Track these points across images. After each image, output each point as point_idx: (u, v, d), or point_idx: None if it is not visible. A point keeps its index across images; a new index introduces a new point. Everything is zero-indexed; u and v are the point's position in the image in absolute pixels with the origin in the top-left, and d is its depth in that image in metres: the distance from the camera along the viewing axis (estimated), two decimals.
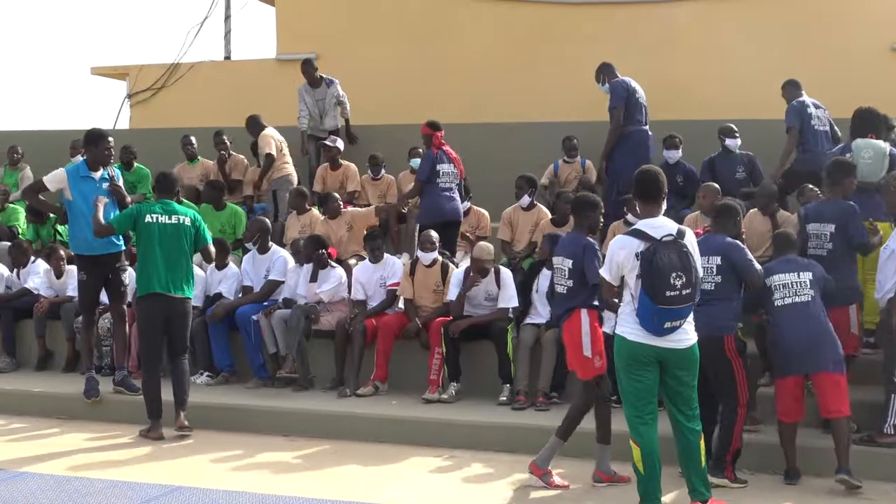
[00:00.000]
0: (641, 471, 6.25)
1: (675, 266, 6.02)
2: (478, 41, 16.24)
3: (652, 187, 6.32)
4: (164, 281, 8.60)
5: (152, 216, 8.61)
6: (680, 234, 6.17)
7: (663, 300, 6.01)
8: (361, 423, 8.66)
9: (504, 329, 9.18)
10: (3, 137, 15.02)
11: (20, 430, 9.06)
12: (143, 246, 8.60)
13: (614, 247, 6.33)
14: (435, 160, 10.52)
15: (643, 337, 6.18)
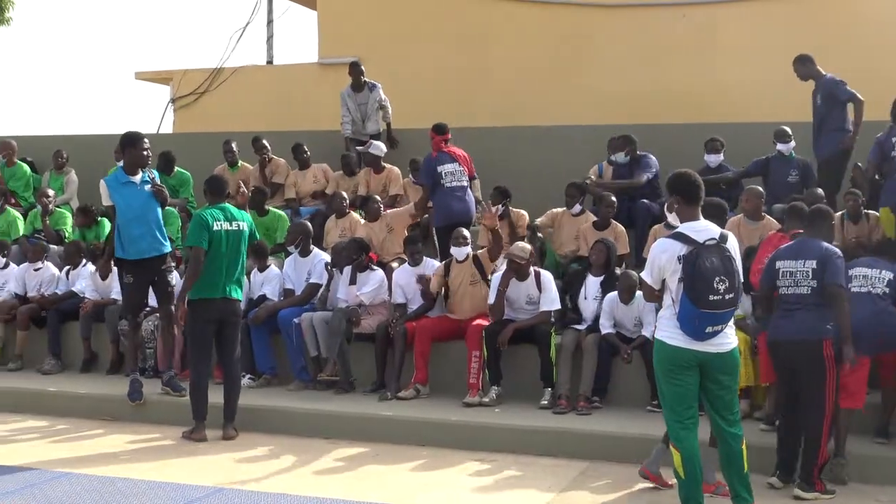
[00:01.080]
0: (682, 475, 6.21)
1: (719, 270, 5.96)
2: (518, 44, 16.23)
3: (692, 190, 6.23)
4: (223, 285, 8.68)
5: (218, 224, 8.64)
6: (722, 238, 6.12)
7: (706, 304, 5.95)
8: (402, 427, 8.65)
9: (547, 332, 9.14)
10: (49, 142, 15.17)
11: (64, 431, 9.14)
12: (209, 254, 8.59)
13: (656, 250, 6.27)
14: (434, 162, 10.66)
15: (683, 341, 6.11)
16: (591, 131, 12.95)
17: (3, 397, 10.12)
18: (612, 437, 8.09)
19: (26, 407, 9.91)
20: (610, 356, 9.08)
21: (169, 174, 13.12)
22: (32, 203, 13.54)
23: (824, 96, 10.75)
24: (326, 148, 13.09)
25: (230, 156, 13.23)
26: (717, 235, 6.10)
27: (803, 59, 10.92)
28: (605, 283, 9.44)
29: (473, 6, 16.78)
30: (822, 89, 10.78)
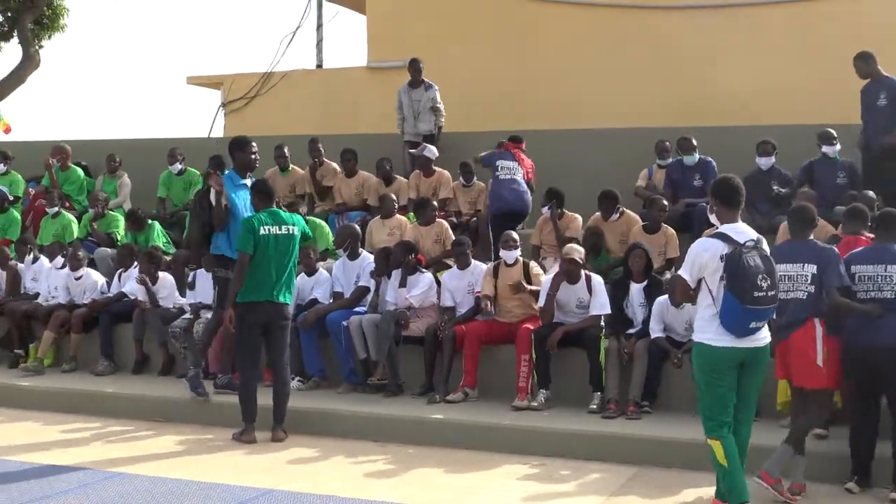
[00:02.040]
0: (725, 465, 6.32)
1: (761, 269, 6.17)
2: (566, 46, 16.19)
3: (735, 194, 6.45)
4: (271, 289, 8.71)
5: (266, 228, 8.67)
6: (759, 241, 6.35)
7: (752, 301, 6.12)
8: (451, 430, 8.65)
9: (597, 336, 9.10)
10: (101, 146, 15.37)
11: (117, 431, 9.24)
12: (257, 257, 8.63)
13: (698, 248, 6.42)
14: (497, 155, 11.63)
15: (727, 341, 6.26)
16: (640, 134, 12.88)
17: (58, 398, 10.26)
18: (661, 442, 8.03)
19: (80, 408, 10.04)
20: (660, 360, 9.02)
21: None
22: (86, 206, 13.71)
23: (891, 96, 10.64)
24: (375, 151, 13.12)
25: (282, 160, 13.30)
26: (755, 238, 6.33)
27: (865, 57, 10.80)
28: (647, 289, 9.37)
29: (522, 9, 16.77)
30: (887, 89, 10.67)
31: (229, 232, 9.20)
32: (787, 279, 7.15)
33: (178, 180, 13.74)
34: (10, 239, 13.37)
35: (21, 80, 26.64)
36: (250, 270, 8.62)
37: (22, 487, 7.26)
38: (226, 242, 9.23)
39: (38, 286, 12.21)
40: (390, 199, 11.70)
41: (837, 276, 7.07)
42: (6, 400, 10.39)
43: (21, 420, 9.75)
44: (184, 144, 14.32)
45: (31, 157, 14.97)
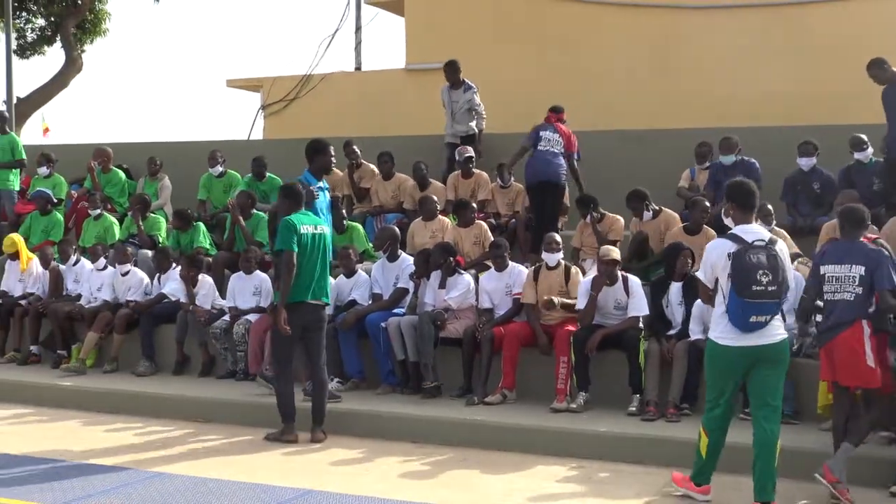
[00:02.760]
0: (704, 456, 6.89)
1: (763, 265, 6.43)
2: (609, 48, 16.14)
3: (749, 198, 6.74)
4: (313, 289, 8.77)
5: (304, 227, 8.75)
6: (771, 241, 6.58)
7: (749, 294, 6.41)
8: (489, 431, 8.64)
9: (636, 338, 9.05)
10: (142, 148, 15.51)
11: (158, 431, 9.31)
12: (299, 256, 8.66)
13: (708, 248, 6.76)
14: (539, 128, 11.68)
15: (731, 340, 6.57)
16: (683, 135, 12.80)
17: (100, 398, 10.36)
18: None
19: (121, 408, 10.13)
20: (699, 362, 8.91)
21: (261, 180, 13.32)
22: (128, 208, 13.82)
23: None
24: (412, 153, 13.14)
25: None
26: (766, 238, 6.59)
27: (880, 63, 10.73)
28: (685, 288, 9.31)
29: (562, 10, 16.73)
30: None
31: None
32: (835, 280, 7.12)
33: (219, 182, 13.82)
34: (53, 240, 13.52)
35: (64, 83, 26.98)
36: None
37: (64, 486, 7.34)
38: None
39: (80, 288, 12.34)
40: (432, 201, 11.69)
41: (889, 278, 7.00)
42: (49, 400, 10.52)
43: (63, 420, 9.85)
44: (224, 147, 14.42)
45: (74, 160, 15.13)
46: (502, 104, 14.96)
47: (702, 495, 7.00)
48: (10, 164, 14.85)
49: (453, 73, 13.42)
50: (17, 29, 27.32)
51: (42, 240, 13.53)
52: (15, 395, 10.76)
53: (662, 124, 13.94)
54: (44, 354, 12.16)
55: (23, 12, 27.79)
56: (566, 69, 16.19)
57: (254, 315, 11.00)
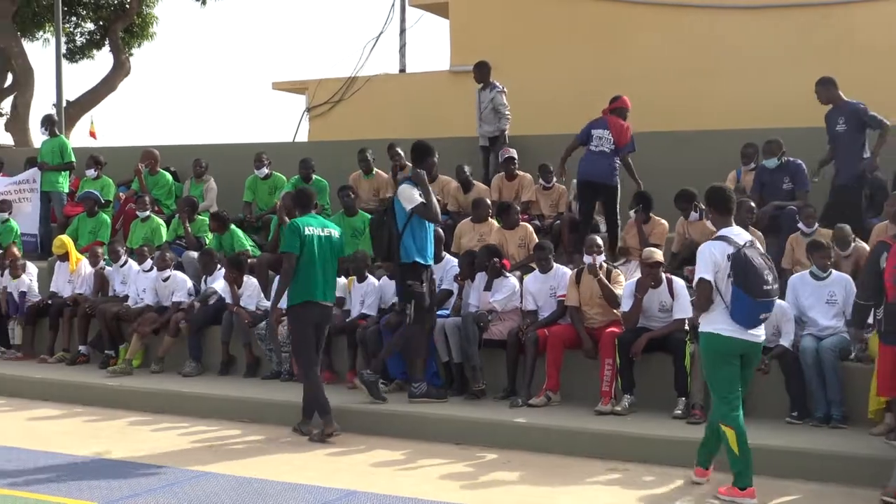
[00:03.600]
0: (737, 451, 6.93)
1: (764, 266, 6.83)
2: (652, 48, 16.06)
3: (728, 203, 7.13)
4: (322, 289, 9.00)
5: (310, 229, 9.02)
6: (753, 241, 7.04)
7: (761, 294, 6.75)
8: (533, 434, 8.61)
9: (682, 341, 8.97)
10: (189, 151, 15.63)
11: (204, 431, 9.38)
12: (305, 258, 8.93)
13: (708, 251, 6.97)
14: (591, 125, 11.41)
15: (735, 332, 6.88)
16: (727, 136, 12.68)
17: (146, 399, 10.45)
18: None
19: (168, 408, 10.22)
20: None
21: (307, 182, 13.37)
22: (175, 210, 13.95)
23: (850, 122, 10.70)
24: (457, 155, 13.13)
25: (365, 164, 13.39)
26: (750, 239, 7.01)
27: (826, 82, 10.88)
28: None
29: (607, 11, 16.68)
30: (845, 114, 10.73)
31: (415, 237, 9.29)
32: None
33: (264, 184, 13.90)
34: (102, 241, 13.67)
35: (112, 87, 27.29)
36: (301, 270, 8.90)
37: (111, 485, 7.41)
38: (414, 249, 9.29)
39: (127, 289, 12.45)
40: (486, 205, 11.55)
41: None
42: (97, 400, 10.63)
43: (110, 419, 9.95)
44: (269, 149, 14.50)
45: (122, 163, 15.29)
46: (546, 105, 14.94)
47: (748, 499, 6.96)
48: (60, 166, 15.07)
49: (482, 73, 13.45)
50: (67, 33, 27.68)
51: (90, 241, 13.68)
52: (64, 394, 10.90)
53: (704, 125, 13.83)
54: (92, 354, 12.30)
55: (72, 17, 28.16)
56: (609, 70, 16.12)
57: None
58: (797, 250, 10.02)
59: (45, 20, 27.42)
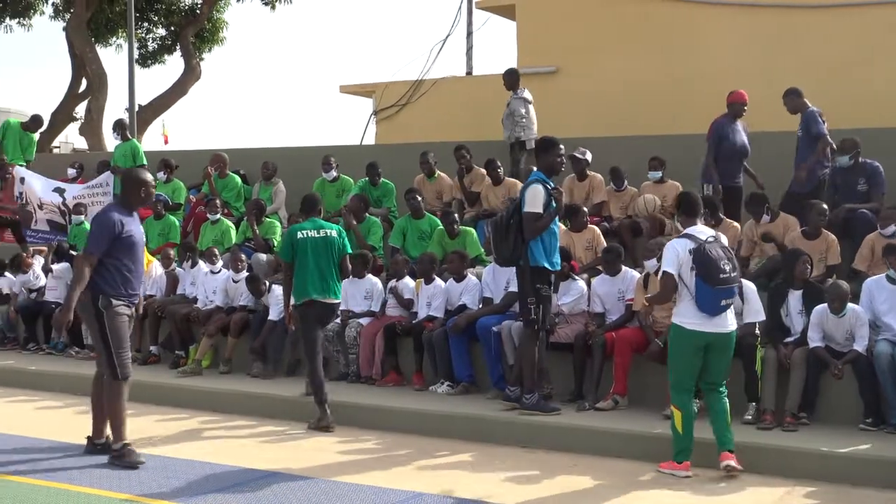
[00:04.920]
0: (681, 431, 7.65)
1: (722, 256, 7.52)
2: (721, 49, 15.86)
3: (695, 206, 7.92)
4: (319, 288, 9.37)
5: (303, 232, 9.48)
6: (717, 237, 7.76)
7: (718, 282, 7.43)
8: (601, 438, 8.54)
9: (752, 345, 8.83)
10: (258, 154, 15.79)
11: (270, 432, 9.44)
12: (299, 259, 9.39)
13: (672, 248, 7.69)
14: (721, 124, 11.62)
15: (698, 325, 7.55)
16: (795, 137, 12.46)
17: (215, 399, 10.56)
18: (819, 455, 7.76)
19: (236, 408, 10.30)
20: (818, 371, 8.71)
21: (375, 185, 13.43)
22: (244, 213, 14.09)
23: (804, 128, 11.17)
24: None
25: (426, 167, 13.41)
26: (714, 235, 7.76)
27: (790, 93, 11.36)
28: (805, 297, 9.07)
29: (675, 12, 16.50)
30: (804, 121, 11.17)
31: (543, 241, 9.05)
32: None
33: (332, 187, 13.98)
34: (174, 242, 13.86)
35: (183, 91, 27.69)
36: (298, 273, 9.39)
37: (180, 484, 7.48)
38: (542, 253, 9.05)
39: (196, 290, 12.60)
40: (584, 213, 11.35)
41: None
42: (167, 399, 10.76)
43: (179, 419, 10.07)
44: (337, 152, 14.58)
45: (192, 166, 15.49)
46: (614, 107, 14.82)
47: (683, 471, 7.63)
48: None
49: (510, 80, 13.70)
50: (139, 39, 28.16)
51: (159, 243, 13.87)
52: (135, 394, 10.96)
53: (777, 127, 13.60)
54: (163, 355, 12.47)
55: (144, 23, 28.64)
56: (677, 71, 15.96)
57: (365, 318, 11.10)
58: (876, 250, 9.77)
59: (118, 26, 27.94)
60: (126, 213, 8.09)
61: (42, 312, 13.53)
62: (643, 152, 12.49)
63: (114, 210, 8.09)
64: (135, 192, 8.17)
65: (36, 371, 12.10)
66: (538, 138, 9.42)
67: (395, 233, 12.44)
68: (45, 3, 28.71)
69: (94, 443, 8.36)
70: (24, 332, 13.72)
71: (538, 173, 9.19)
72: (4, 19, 29.11)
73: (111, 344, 7.97)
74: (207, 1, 27.87)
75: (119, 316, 7.98)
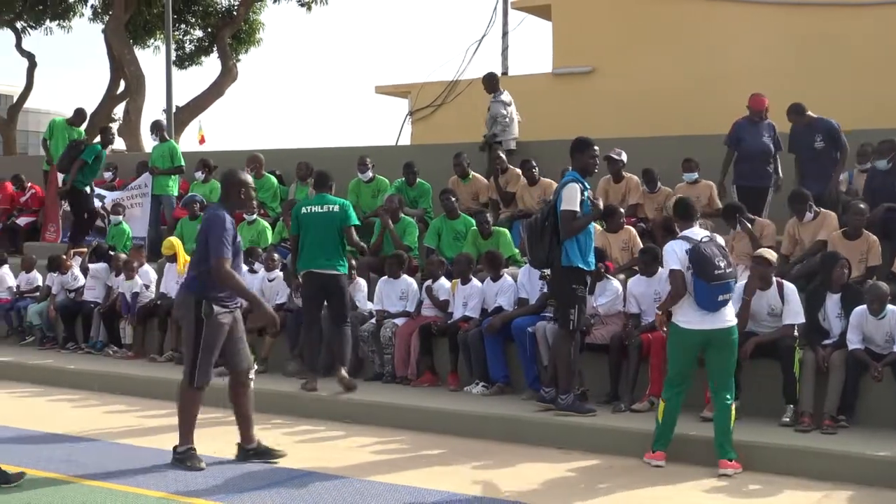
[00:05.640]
0: (660, 421, 8.00)
1: (717, 254, 7.78)
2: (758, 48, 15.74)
3: (690, 210, 8.25)
4: (319, 260, 10.03)
5: (307, 208, 10.28)
6: (713, 237, 8.03)
7: (713, 277, 7.66)
8: (637, 439, 8.48)
9: (791, 347, 8.75)
10: (294, 154, 15.85)
11: (306, 431, 9.48)
12: (303, 233, 10.14)
13: (671, 248, 7.99)
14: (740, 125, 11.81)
15: (693, 323, 7.80)
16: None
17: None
18: (859, 458, 7.68)
19: (271, 408, 10.32)
20: (858, 373, 8.62)
21: (411, 185, 13.45)
22: (279, 213, 14.14)
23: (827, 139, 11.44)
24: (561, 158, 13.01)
25: (460, 168, 13.42)
26: (709, 235, 8.05)
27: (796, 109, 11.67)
28: (844, 300, 8.98)
29: (711, 12, 16.42)
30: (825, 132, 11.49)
31: (578, 241, 8.96)
32: None
33: (367, 188, 14.01)
34: None
35: (220, 92, 27.86)
36: (304, 245, 10.11)
37: (217, 483, 7.53)
38: (577, 253, 8.97)
39: None
40: (622, 214, 11.25)
41: None
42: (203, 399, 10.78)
43: (216, 417, 10.11)
44: (372, 152, 14.61)
45: (228, 167, 15.53)
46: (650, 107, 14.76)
47: (655, 460, 7.97)
48: (170, 170, 15.43)
49: (490, 84, 14.10)
50: (177, 41, 28.38)
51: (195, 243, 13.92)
52: (171, 393, 11.00)
53: None
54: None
55: (182, 24, 28.86)
56: (715, 70, 15.86)
57: (401, 319, 11.12)
58: None
59: (155, 28, 28.18)
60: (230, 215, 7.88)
61: (81, 312, 13.68)
62: (678, 153, 12.44)
63: (220, 210, 7.88)
64: (234, 193, 8.01)
65: (75, 370, 12.22)
66: (575, 139, 9.33)
67: (430, 233, 12.45)
68: (84, 6, 29.03)
69: (246, 448, 8.19)
70: (63, 332, 13.87)
71: (573, 173, 9.15)
72: (45, 21, 29.47)
73: (199, 350, 7.76)
74: (244, 2, 28.04)
75: (219, 326, 7.76)
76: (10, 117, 31.48)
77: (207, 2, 28.50)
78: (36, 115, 52.01)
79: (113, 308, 13.32)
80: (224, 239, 7.62)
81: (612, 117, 15.66)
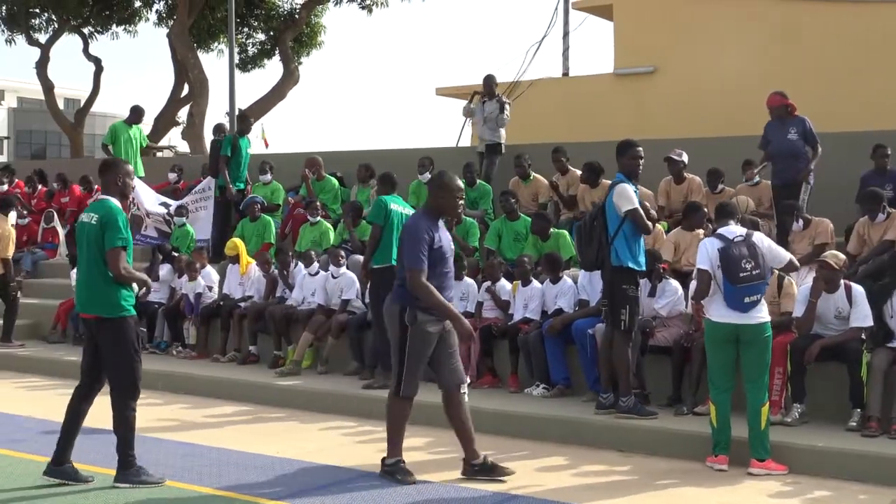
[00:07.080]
0: (715, 425, 7.99)
1: (745, 255, 7.86)
2: (822, 47, 15.53)
3: (724, 212, 8.36)
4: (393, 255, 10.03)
5: (394, 205, 10.44)
6: (748, 235, 8.03)
7: (738, 280, 7.79)
8: (699, 443, 8.39)
9: (858, 350, 8.61)
10: (355, 156, 15.93)
11: (369, 432, 9.45)
12: (387, 229, 10.24)
13: (703, 246, 8.13)
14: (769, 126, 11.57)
15: (723, 318, 7.91)
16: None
17: (312, 399, 10.67)
18: None
19: (335, 409, 10.40)
20: None
21: (471, 186, 13.45)
22: (341, 215, 14.22)
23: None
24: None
25: (521, 169, 13.39)
26: (744, 234, 8.04)
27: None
28: None
29: (775, 10, 16.21)
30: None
31: (628, 240, 8.91)
32: None
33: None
34: (270, 242, 14.06)
35: (282, 95, 28.12)
36: (386, 238, 10.19)
37: (280, 482, 7.60)
38: (627, 253, 8.91)
39: (294, 291, 12.74)
40: (703, 212, 11.03)
41: None
42: (265, 399, 10.91)
43: (278, 418, 10.20)
44: (433, 154, 14.63)
45: (290, 168, 15.70)
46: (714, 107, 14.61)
47: (717, 464, 7.95)
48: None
49: (488, 86, 14.35)
50: (240, 44, 28.70)
51: (256, 245, 14.07)
52: (234, 393, 11.23)
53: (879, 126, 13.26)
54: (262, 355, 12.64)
55: (244, 28, 29.16)
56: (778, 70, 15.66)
57: None
58: None
59: (219, 32, 28.53)
60: (432, 221, 7.56)
61: (145, 313, 13.84)
62: (741, 153, 12.30)
63: (420, 219, 7.58)
64: (444, 197, 7.61)
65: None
66: (619, 142, 9.31)
67: (490, 234, 12.44)
68: (149, 10, 29.46)
69: (472, 464, 7.76)
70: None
71: (620, 175, 9.13)
72: (111, 26, 29.97)
73: (406, 360, 7.51)
74: (306, 5, 28.26)
75: (426, 334, 7.47)
76: (78, 121, 32.04)
77: (270, 5, 28.77)
78: (103, 118, 52.94)
79: (177, 309, 13.48)
80: (419, 249, 7.36)
81: (674, 117, 15.54)
